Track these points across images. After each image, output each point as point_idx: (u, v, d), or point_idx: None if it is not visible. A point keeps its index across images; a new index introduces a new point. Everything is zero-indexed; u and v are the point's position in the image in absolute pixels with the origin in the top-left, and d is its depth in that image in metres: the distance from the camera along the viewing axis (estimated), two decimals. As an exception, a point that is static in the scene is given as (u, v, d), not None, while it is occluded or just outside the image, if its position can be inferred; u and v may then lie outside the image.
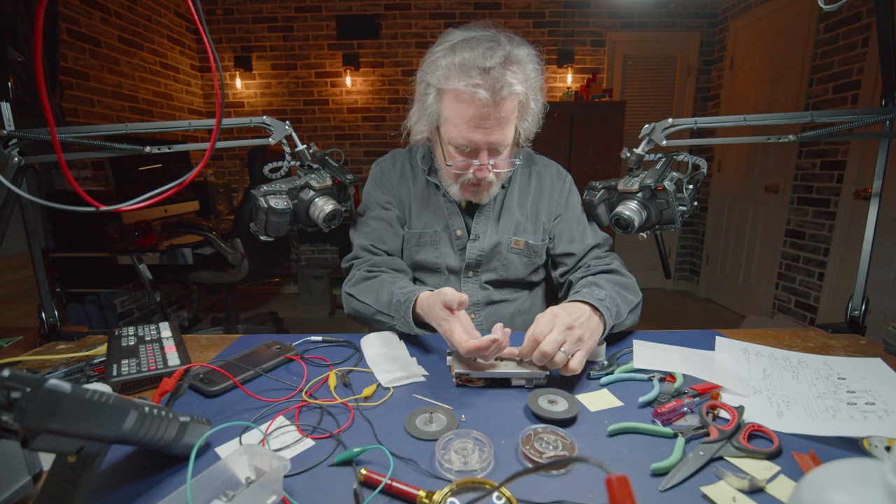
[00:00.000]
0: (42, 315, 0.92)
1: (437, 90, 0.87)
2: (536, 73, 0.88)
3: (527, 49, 0.87)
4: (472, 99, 0.81)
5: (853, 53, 2.45)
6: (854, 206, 2.50)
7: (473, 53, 0.81)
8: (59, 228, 2.21)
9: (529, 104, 0.89)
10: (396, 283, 0.91)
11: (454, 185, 0.96)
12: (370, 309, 0.92)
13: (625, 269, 0.97)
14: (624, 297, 0.87)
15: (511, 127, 0.88)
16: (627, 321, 0.86)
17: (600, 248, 1.03)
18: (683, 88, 3.76)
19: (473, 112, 0.83)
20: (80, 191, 0.68)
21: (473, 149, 0.88)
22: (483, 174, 0.89)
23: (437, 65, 0.85)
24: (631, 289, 0.92)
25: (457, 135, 0.87)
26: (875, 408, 0.61)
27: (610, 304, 0.79)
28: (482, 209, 1.03)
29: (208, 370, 0.73)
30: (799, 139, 0.82)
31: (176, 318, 3.27)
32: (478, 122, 0.83)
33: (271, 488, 0.46)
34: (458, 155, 0.90)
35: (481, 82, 0.80)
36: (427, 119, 0.91)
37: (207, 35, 0.57)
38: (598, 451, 0.56)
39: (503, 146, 0.88)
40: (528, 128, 0.93)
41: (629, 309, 0.86)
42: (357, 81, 3.70)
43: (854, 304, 0.92)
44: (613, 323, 0.78)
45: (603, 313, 0.76)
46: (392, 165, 1.09)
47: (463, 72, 0.81)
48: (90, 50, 2.56)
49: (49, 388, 0.36)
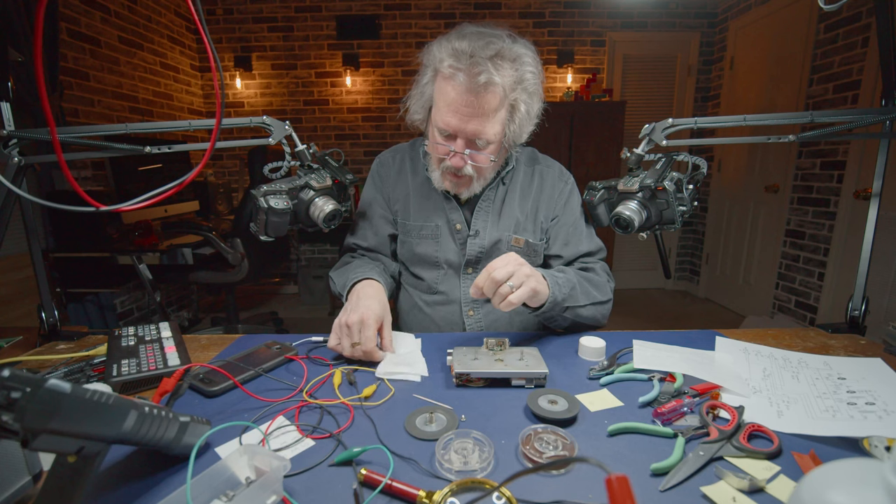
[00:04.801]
0: (42, 315, 0.92)
1: (433, 71, 0.89)
2: (533, 77, 0.87)
3: (526, 50, 0.87)
4: (453, 80, 0.83)
5: (853, 53, 2.45)
6: (854, 206, 2.50)
7: (470, 43, 0.83)
8: (59, 228, 2.21)
9: (519, 106, 0.88)
10: (362, 268, 0.96)
11: (436, 170, 0.97)
12: (337, 289, 0.99)
13: (607, 275, 1.01)
14: (585, 287, 0.93)
15: (492, 123, 0.86)
16: (585, 312, 0.92)
17: (592, 255, 1.04)
18: (683, 88, 3.76)
19: (454, 96, 0.84)
20: (80, 191, 0.68)
21: (451, 134, 0.89)
22: (457, 163, 0.90)
23: (438, 47, 0.87)
24: (598, 286, 0.96)
25: (438, 117, 0.89)
26: (875, 408, 0.61)
27: (563, 281, 0.87)
28: (481, 205, 1.03)
29: (208, 370, 0.72)
30: (799, 139, 0.82)
31: (176, 318, 3.27)
32: (457, 107, 0.85)
33: (271, 488, 0.46)
34: (439, 138, 0.91)
35: (462, 66, 0.82)
36: (421, 99, 0.94)
37: (207, 35, 0.57)
38: (598, 451, 0.56)
39: (480, 140, 0.87)
40: (517, 131, 0.91)
41: (589, 301, 0.92)
42: (357, 81, 3.70)
43: (854, 304, 0.92)
44: (557, 296, 0.85)
45: (548, 282, 0.83)
46: (392, 160, 1.10)
47: (452, 55, 0.83)
48: (90, 50, 2.56)
49: (49, 388, 0.36)
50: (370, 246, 1.08)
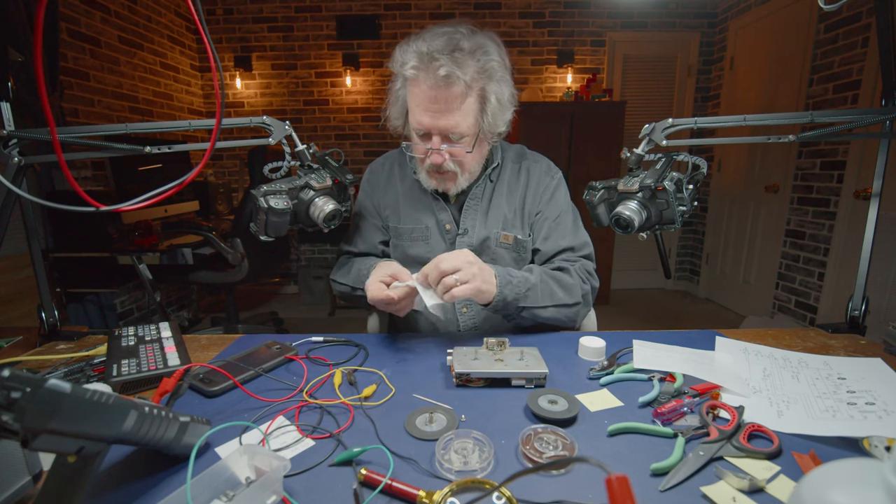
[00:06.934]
0: (42, 315, 0.92)
1: (403, 78, 0.91)
2: (498, 65, 0.89)
3: (486, 40, 0.89)
4: (417, 81, 0.86)
5: (853, 53, 2.45)
6: (854, 206, 2.50)
7: (429, 43, 0.85)
8: (59, 228, 2.21)
9: (488, 96, 0.89)
10: (364, 262, 1.00)
11: (423, 172, 0.99)
12: (347, 288, 1.02)
13: (582, 277, 0.98)
14: (549, 288, 0.92)
15: (463, 115, 0.88)
16: (546, 314, 0.92)
17: (574, 251, 1.03)
18: (683, 88, 3.76)
19: (422, 96, 0.87)
20: (80, 191, 0.68)
21: (426, 133, 0.91)
22: (436, 160, 0.91)
23: (400, 52, 0.89)
24: (567, 288, 0.95)
25: (412, 119, 0.91)
26: (875, 408, 0.61)
27: (518, 281, 0.88)
28: (469, 203, 1.03)
29: (208, 370, 0.73)
30: (799, 139, 0.82)
31: (176, 318, 3.27)
32: (426, 106, 0.87)
33: (271, 488, 0.46)
34: (417, 139, 0.94)
35: (423, 66, 0.85)
36: (397, 105, 0.96)
37: (207, 35, 0.57)
38: (598, 451, 0.56)
39: (454, 133, 0.89)
40: (491, 121, 0.92)
41: (552, 303, 0.92)
42: (357, 81, 3.70)
43: (854, 304, 0.92)
44: (507, 296, 0.86)
45: (498, 281, 0.86)
46: (381, 167, 1.13)
47: (414, 57, 0.85)
48: (90, 50, 2.55)
49: (49, 388, 0.36)
50: (361, 252, 1.11)
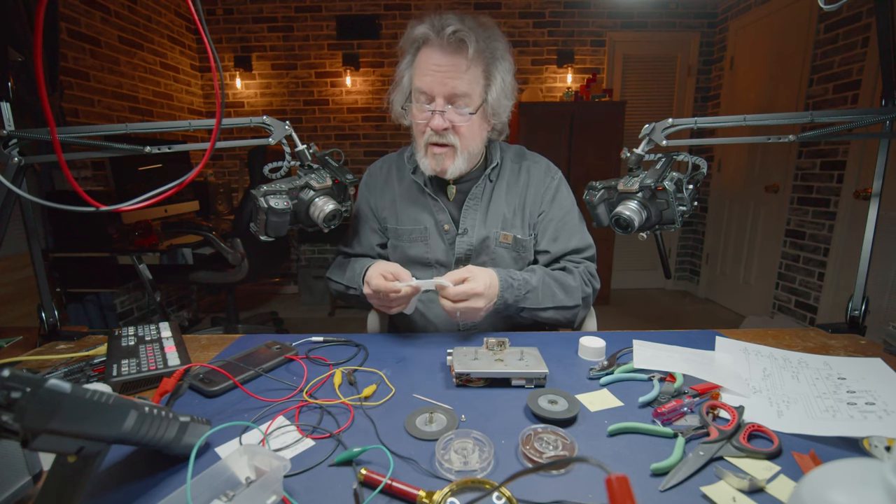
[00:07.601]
0: (42, 315, 0.92)
1: (413, 49, 0.94)
2: (505, 52, 0.94)
3: (495, 31, 0.93)
4: (429, 44, 0.90)
5: (853, 53, 2.45)
6: (854, 206, 2.50)
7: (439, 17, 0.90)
8: (59, 228, 2.21)
9: (494, 76, 0.93)
10: (360, 262, 1.01)
11: (424, 156, 0.98)
12: (342, 286, 1.04)
13: (584, 279, 1.00)
14: (550, 290, 0.95)
15: (468, 79, 0.90)
16: (545, 315, 0.96)
17: (580, 252, 1.04)
18: (683, 88, 3.76)
19: (430, 60, 0.90)
20: (80, 191, 0.68)
21: (430, 96, 0.92)
22: (438, 124, 0.91)
23: (416, 23, 0.93)
24: (568, 289, 0.97)
25: (417, 83, 0.93)
26: (875, 408, 0.61)
27: (518, 284, 0.92)
28: (469, 202, 1.03)
29: (208, 370, 0.73)
30: (799, 139, 0.82)
31: (176, 318, 3.27)
32: (434, 68, 0.90)
33: (271, 488, 0.46)
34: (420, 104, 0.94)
35: (432, 30, 0.89)
36: (400, 87, 0.98)
37: (207, 35, 0.57)
38: (598, 451, 0.56)
39: (459, 96, 0.91)
40: (493, 101, 0.95)
41: (553, 305, 0.95)
42: (357, 81, 3.70)
43: (854, 304, 0.92)
44: (508, 299, 0.90)
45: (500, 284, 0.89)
46: (379, 170, 1.14)
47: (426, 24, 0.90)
48: (90, 50, 2.55)
49: (49, 388, 0.36)
50: (357, 254, 1.11)
